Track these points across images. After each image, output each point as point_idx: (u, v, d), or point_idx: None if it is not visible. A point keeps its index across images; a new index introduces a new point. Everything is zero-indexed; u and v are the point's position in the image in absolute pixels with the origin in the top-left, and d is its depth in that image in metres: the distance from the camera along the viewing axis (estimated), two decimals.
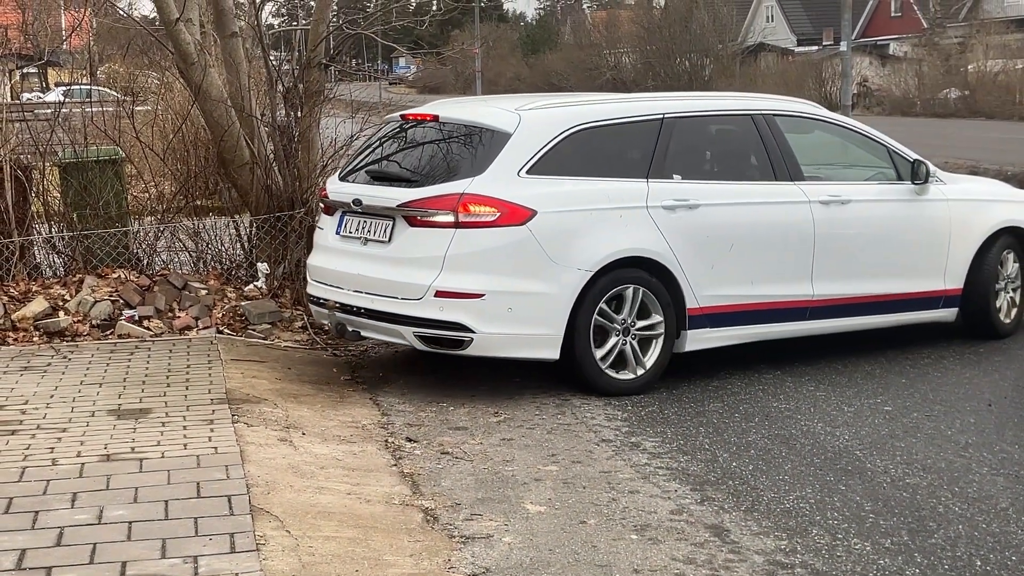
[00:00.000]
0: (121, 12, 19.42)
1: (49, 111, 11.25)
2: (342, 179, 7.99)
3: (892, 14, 62.54)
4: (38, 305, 8.47)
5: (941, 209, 8.64)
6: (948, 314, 8.76)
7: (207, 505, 4.95)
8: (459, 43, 47.36)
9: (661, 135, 7.68)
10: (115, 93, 16.81)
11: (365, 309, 7.35)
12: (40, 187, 9.72)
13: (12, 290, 8.74)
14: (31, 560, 4.35)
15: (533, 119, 7.44)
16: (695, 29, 61.27)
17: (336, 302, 7.56)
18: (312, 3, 16.29)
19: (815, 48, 60.26)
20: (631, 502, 5.54)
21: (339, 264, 7.63)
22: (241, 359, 7.76)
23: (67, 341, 8.23)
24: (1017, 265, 9.05)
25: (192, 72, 9.86)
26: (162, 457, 5.63)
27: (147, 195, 10.59)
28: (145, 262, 9.60)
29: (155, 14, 11.04)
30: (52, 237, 9.62)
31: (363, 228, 7.49)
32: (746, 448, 6.44)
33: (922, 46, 50.70)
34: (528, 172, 7.17)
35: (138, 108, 12.71)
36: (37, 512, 4.85)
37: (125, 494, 5.08)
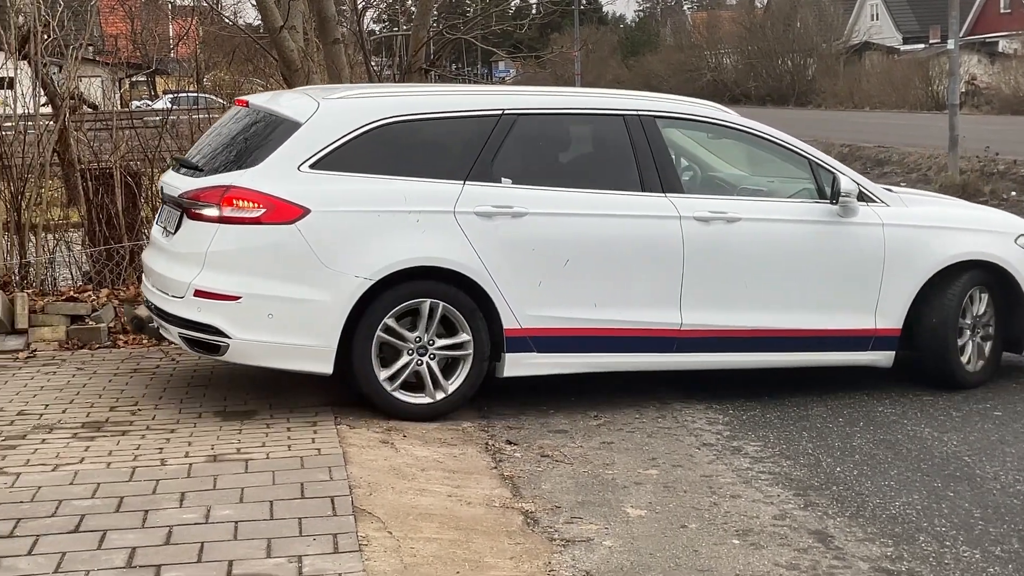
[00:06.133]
0: (227, 20, 19.79)
1: (157, 118, 11.50)
2: (174, 168, 7.44)
3: (1001, 10, 61.15)
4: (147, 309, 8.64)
5: (872, 235, 7.32)
6: (881, 358, 7.43)
7: (311, 506, 5.01)
8: (558, 46, 47.43)
9: (495, 133, 6.87)
10: (221, 100, 17.11)
11: (154, 306, 6.91)
12: (149, 193, 9.92)
13: (123, 294, 8.94)
14: (141, 558, 4.45)
15: (332, 109, 6.79)
16: (798, 28, 60.59)
17: (144, 297, 7.25)
18: (413, 9, 16.45)
19: (921, 46, 59.18)
20: (733, 507, 5.50)
21: (148, 257, 7.23)
22: None
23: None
24: (988, 305, 7.63)
25: (296, 78, 10.01)
26: (267, 458, 5.72)
27: None
28: None
29: (260, 22, 11.23)
30: None
31: (167, 219, 6.99)
32: (850, 453, 6.35)
33: None
34: (312, 167, 6.53)
35: None
36: (147, 511, 4.96)
37: (231, 494, 5.17)
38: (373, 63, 12.20)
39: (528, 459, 6.20)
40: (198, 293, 6.46)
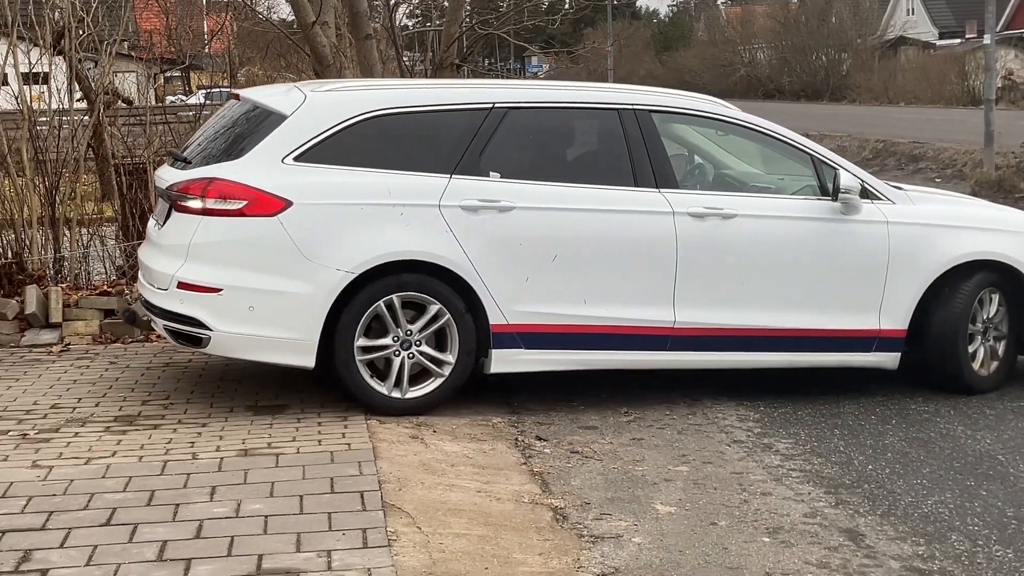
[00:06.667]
0: (260, 16, 19.88)
1: (191, 113, 11.55)
2: (168, 161, 7.49)
3: None
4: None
5: (875, 232, 7.13)
6: (886, 359, 7.22)
7: (340, 500, 5.03)
8: (591, 41, 47.33)
9: (484, 126, 6.78)
10: None
11: (144, 299, 6.99)
12: None
13: None
14: (171, 552, 4.47)
15: (318, 102, 6.77)
16: (833, 23, 60.28)
17: (138, 291, 7.29)
18: (445, 4, 16.45)
19: (958, 41, 58.71)
20: (763, 504, 5.47)
21: (142, 251, 7.30)
22: None
23: None
24: (1002, 308, 7.40)
25: (328, 74, 10.04)
26: (297, 452, 5.74)
27: None
28: None
29: (293, 17, 11.26)
30: None
31: (160, 213, 7.02)
32: (882, 451, 6.31)
33: None
34: (296, 159, 6.49)
35: None
36: (178, 505, 4.98)
37: (262, 488, 5.19)
38: (405, 58, 12.22)
39: (558, 455, 6.19)
40: (181, 285, 6.47)
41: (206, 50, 24.99)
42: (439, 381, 6.64)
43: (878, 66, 55.37)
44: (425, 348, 6.59)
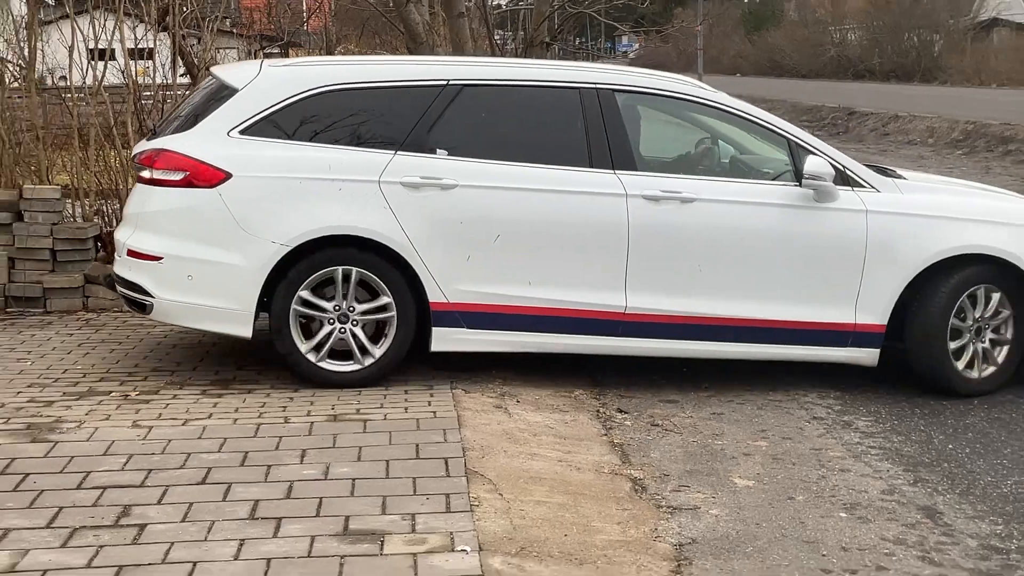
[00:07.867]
0: None
1: None
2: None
3: None
4: None
5: (851, 222, 6.77)
6: (862, 355, 6.87)
7: (425, 466, 5.17)
8: (682, 21, 47.01)
9: (435, 103, 6.72)
10: None
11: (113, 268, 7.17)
12: None
13: None
14: (263, 510, 4.64)
15: (271, 76, 6.80)
16: (925, 3, 59.17)
17: None
18: None
19: None
20: (841, 480, 5.52)
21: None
22: None
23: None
24: (1004, 309, 6.95)
25: (421, 51, 10.20)
26: (384, 419, 5.90)
27: None
28: None
29: None
30: None
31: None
32: (963, 430, 6.31)
33: None
34: (242, 132, 6.57)
35: None
36: (270, 466, 5.16)
37: (350, 453, 5.35)
38: (497, 37, 12.32)
39: (638, 427, 6.28)
40: (130, 253, 6.67)
41: (304, 27, 25.29)
42: (355, 367, 6.59)
43: (971, 47, 54.27)
44: (359, 332, 6.57)
